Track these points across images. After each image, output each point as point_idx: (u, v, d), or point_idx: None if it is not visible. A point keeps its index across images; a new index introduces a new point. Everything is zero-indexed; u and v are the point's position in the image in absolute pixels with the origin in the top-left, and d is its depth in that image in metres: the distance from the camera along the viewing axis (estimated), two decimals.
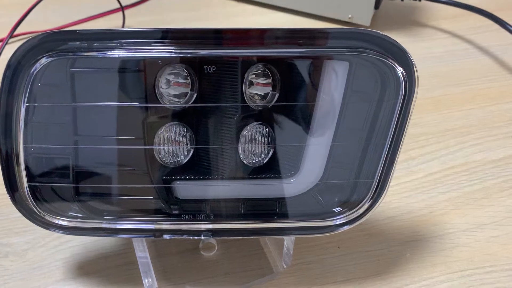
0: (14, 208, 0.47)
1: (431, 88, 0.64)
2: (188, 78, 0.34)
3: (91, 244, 0.45)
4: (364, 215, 0.36)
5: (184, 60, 0.33)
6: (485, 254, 0.45)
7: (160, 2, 0.83)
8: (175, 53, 0.32)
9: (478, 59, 0.70)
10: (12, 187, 0.34)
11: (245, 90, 0.34)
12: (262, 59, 0.33)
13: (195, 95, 0.34)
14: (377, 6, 0.73)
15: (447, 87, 0.64)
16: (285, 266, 0.43)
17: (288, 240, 0.41)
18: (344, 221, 0.36)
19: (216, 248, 0.45)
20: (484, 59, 0.70)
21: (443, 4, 0.75)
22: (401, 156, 0.53)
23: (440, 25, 0.76)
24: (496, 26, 0.71)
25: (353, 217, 0.36)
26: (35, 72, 0.32)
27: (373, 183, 0.35)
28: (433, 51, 0.71)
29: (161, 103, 0.34)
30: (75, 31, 0.31)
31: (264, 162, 0.36)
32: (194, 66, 0.33)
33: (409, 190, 0.51)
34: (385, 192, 0.36)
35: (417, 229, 0.47)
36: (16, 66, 0.31)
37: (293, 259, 0.43)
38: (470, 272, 0.43)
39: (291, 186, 0.37)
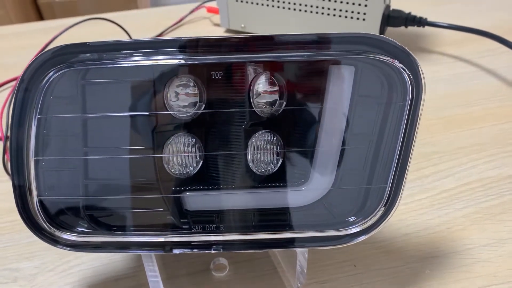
0: (24, 234, 0.47)
1: (440, 109, 0.64)
2: (196, 89, 0.34)
3: (101, 268, 0.44)
4: (380, 223, 0.35)
5: (192, 70, 0.33)
6: (508, 269, 0.43)
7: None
8: (183, 60, 0.32)
9: (486, 81, 0.70)
10: (22, 201, 0.34)
11: (252, 100, 0.34)
12: (268, 67, 0.34)
13: (203, 105, 0.35)
14: (381, 33, 0.74)
15: (457, 107, 0.64)
16: (299, 285, 0.41)
17: (301, 257, 0.40)
18: (358, 229, 0.35)
19: (227, 268, 0.43)
20: (492, 80, 0.70)
21: (447, 30, 0.76)
22: (414, 174, 0.53)
23: (446, 51, 0.77)
24: (503, 49, 0.72)
25: (368, 225, 0.35)
26: (46, 85, 0.32)
27: (386, 189, 0.34)
28: (440, 74, 0.71)
29: (170, 114, 0.34)
30: (85, 43, 0.32)
31: (274, 170, 0.36)
32: (201, 76, 0.34)
33: (424, 207, 0.49)
34: (399, 198, 0.35)
35: (435, 245, 0.45)
36: (29, 80, 0.32)
37: (308, 278, 0.42)
38: (495, 287, 0.41)
39: (302, 195, 0.36)
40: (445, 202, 0.50)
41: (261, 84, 0.34)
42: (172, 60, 0.32)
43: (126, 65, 0.32)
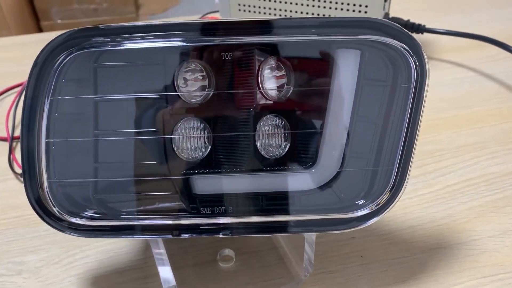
0: (29, 229, 0.47)
1: (441, 110, 0.64)
2: (204, 74, 0.35)
3: (106, 260, 0.44)
4: (388, 206, 0.35)
5: (200, 54, 0.34)
6: None
7: None
8: (193, 42, 0.33)
9: (485, 85, 0.71)
10: (31, 184, 0.34)
11: (260, 84, 0.35)
12: (275, 51, 0.34)
13: (212, 90, 0.35)
14: None
15: (457, 109, 0.65)
16: (307, 274, 0.41)
17: (308, 247, 0.40)
18: (367, 212, 0.35)
19: (234, 259, 0.43)
20: (490, 84, 0.71)
21: (446, 37, 0.77)
22: (417, 170, 0.54)
23: (445, 57, 0.78)
24: (501, 56, 0.73)
25: (377, 208, 0.35)
26: (59, 68, 0.33)
27: (393, 171, 0.35)
28: (440, 79, 0.72)
29: (180, 97, 0.35)
30: (97, 27, 0.33)
31: (283, 154, 0.36)
32: (210, 61, 0.34)
33: (429, 201, 0.50)
34: (406, 179, 0.35)
35: (441, 237, 0.45)
36: (43, 63, 0.33)
37: (315, 269, 0.42)
38: (502, 276, 0.41)
39: (311, 177, 0.36)
40: (449, 196, 0.50)
41: (269, 69, 0.35)
42: (182, 42, 0.33)
43: (138, 47, 0.33)
